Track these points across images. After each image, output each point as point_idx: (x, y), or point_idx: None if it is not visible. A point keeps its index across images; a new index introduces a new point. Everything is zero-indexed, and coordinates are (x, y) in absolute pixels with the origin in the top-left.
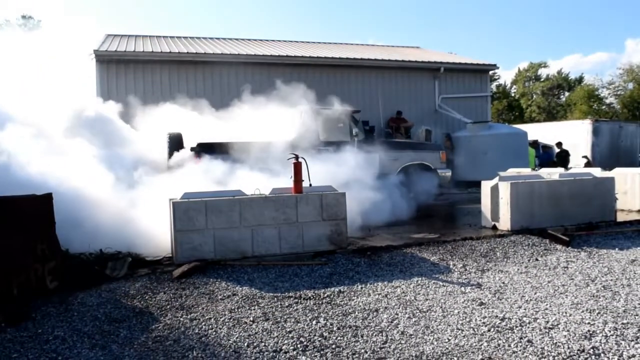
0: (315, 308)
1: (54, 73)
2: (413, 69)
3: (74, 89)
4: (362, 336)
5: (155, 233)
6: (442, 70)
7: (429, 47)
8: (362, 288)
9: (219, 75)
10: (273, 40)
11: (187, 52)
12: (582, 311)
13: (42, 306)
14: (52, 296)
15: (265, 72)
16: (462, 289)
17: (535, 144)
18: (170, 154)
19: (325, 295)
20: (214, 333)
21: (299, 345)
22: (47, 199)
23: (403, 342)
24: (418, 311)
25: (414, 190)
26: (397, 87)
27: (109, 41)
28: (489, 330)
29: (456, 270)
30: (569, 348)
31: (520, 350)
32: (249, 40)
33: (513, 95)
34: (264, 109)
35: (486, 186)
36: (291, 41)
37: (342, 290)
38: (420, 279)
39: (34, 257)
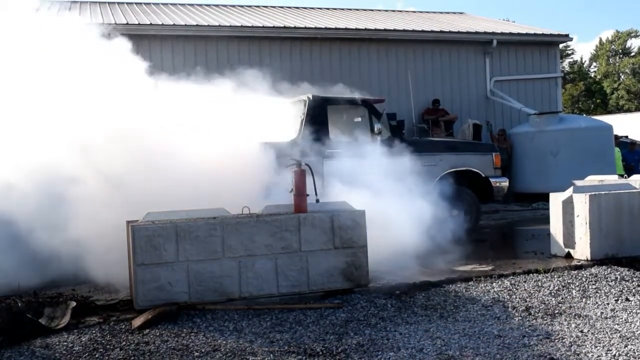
0: None
1: None
2: (456, 43)
3: None
4: None
5: (109, 266)
6: (494, 44)
7: (478, 13)
8: (388, 340)
9: (192, 55)
10: (266, 7)
11: (150, 24)
12: None
13: None
14: None
15: (256, 48)
16: (526, 340)
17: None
18: None
19: (339, 350)
20: None
21: None
22: None
23: None
24: None
25: (458, 206)
26: (435, 68)
27: None
28: None
29: (517, 314)
30: None
31: None
32: (232, 7)
33: (593, 76)
34: (254, 99)
35: (556, 200)
36: (291, 7)
37: (361, 342)
38: (467, 326)
39: None
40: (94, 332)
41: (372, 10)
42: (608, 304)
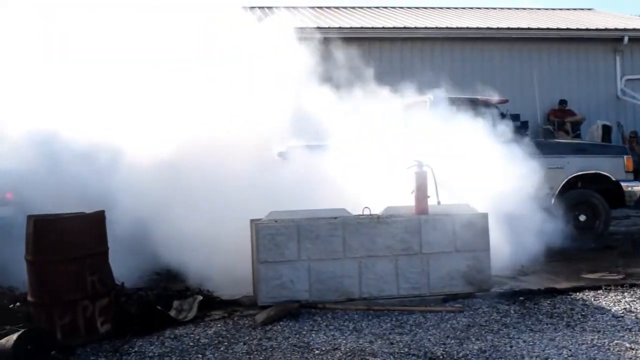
0: None
1: None
2: (583, 40)
3: None
4: None
5: (233, 263)
6: (626, 41)
7: (608, 9)
8: (512, 347)
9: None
10: (377, 8)
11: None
12: None
13: (90, 355)
14: (103, 342)
15: (376, 50)
16: None
17: None
18: None
19: (460, 355)
20: None
21: None
22: (99, 218)
23: None
24: None
25: (586, 211)
26: (561, 67)
27: None
28: None
29: None
30: None
31: None
32: (353, 9)
33: None
34: (375, 100)
35: None
36: (411, 8)
37: (483, 349)
38: (596, 337)
39: (83, 293)
40: (219, 325)
41: (494, 8)
42: None
